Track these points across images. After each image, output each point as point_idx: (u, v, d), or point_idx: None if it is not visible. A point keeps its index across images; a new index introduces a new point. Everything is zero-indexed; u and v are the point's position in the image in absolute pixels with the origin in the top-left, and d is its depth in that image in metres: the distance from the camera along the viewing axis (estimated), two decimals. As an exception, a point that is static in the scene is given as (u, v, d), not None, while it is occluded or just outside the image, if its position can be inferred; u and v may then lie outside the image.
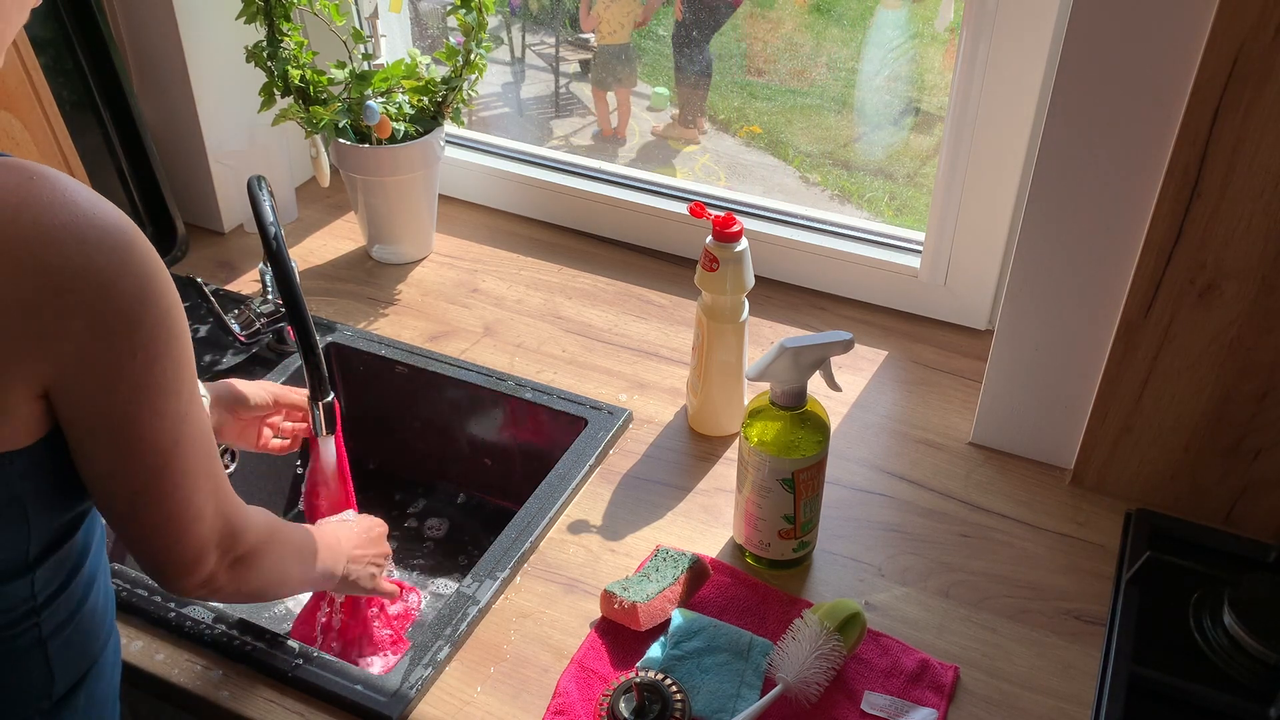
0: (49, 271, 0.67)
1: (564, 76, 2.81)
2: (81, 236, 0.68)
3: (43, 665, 0.79)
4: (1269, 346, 1.01)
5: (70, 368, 0.69)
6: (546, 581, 1.10)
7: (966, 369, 1.38)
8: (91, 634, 0.83)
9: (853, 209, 2.34)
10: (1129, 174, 1.02)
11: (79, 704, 0.83)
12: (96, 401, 0.71)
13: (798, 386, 1.02)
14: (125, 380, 0.71)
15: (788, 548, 1.08)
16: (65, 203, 0.68)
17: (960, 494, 1.20)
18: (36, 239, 0.66)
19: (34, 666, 0.78)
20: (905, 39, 2.25)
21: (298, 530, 0.95)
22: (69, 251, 0.67)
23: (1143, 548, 1.08)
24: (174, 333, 0.73)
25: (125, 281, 0.69)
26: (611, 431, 1.26)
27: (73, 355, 0.68)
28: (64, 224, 0.67)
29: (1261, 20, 0.88)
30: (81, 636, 0.82)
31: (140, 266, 0.70)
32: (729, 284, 1.17)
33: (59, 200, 0.68)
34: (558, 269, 1.59)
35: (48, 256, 0.66)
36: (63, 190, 0.68)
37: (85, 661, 0.83)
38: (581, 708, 0.97)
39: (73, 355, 0.68)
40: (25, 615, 0.76)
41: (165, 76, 1.55)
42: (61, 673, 0.80)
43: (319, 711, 0.98)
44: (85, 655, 0.83)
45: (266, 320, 1.36)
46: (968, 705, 0.98)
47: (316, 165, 1.56)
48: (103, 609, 0.85)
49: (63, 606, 0.79)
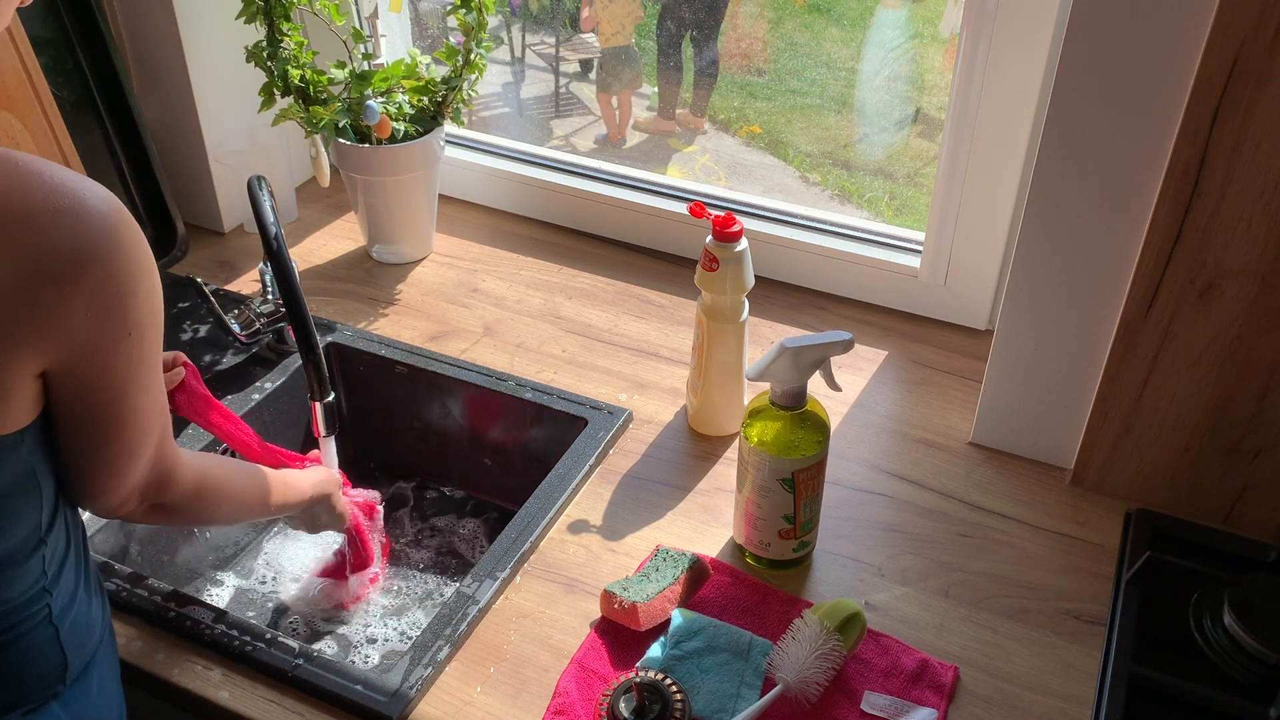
0: (47, 256, 0.67)
1: (564, 76, 2.81)
2: (76, 219, 0.68)
3: (55, 645, 0.81)
4: (1269, 346, 1.01)
5: (71, 349, 0.71)
6: (546, 581, 1.10)
7: (966, 369, 1.38)
8: (93, 614, 0.86)
9: (853, 209, 2.34)
10: (1129, 174, 1.02)
11: (91, 684, 0.85)
12: (93, 377, 0.73)
13: (798, 386, 1.02)
14: (120, 356, 0.73)
15: (788, 548, 1.08)
16: (57, 186, 0.68)
17: (960, 494, 1.20)
18: (33, 224, 0.67)
19: (48, 647, 0.80)
20: (905, 39, 2.25)
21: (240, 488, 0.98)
22: (65, 235, 0.68)
23: (1143, 548, 1.08)
24: (157, 306, 0.76)
25: (120, 262, 0.71)
26: (611, 431, 1.26)
27: (73, 337, 0.70)
28: (59, 208, 0.68)
29: (1261, 20, 0.88)
30: (85, 616, 0.84)
31: (133, 245, 0.72)
32: (729, 284, 1.17)
33: (49, 185, 0.68)
34: (558, 269, 1.59)
35: (45, 241, 0.67)
36: (51, 174, 0.69)
37: (91, 642, 0.85)
38: (581, 708, 0.97)
39: (73, 337, 0.70)
40: (39, 594, 0.79)
41: (165, 76, 1.55)
42: (73, 653, 0.82)
43: (319, 711, 0.98)
44: (90, 635, 0.85)
45: (266, 320, 1.36)
46: (968, 705, 0.98)
47: (316, 165, 1.56)
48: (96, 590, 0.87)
49: (66, 584, 0.81)
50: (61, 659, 0.81)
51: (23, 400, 0.71)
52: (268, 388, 1.35)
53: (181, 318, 1.49)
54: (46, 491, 0.77)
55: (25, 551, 0.76)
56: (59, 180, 0.69)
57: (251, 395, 1.34)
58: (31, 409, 0.72)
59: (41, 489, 0.76)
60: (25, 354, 0.69)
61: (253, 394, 1.34)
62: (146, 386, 0.77)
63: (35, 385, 0.71)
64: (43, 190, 0.68)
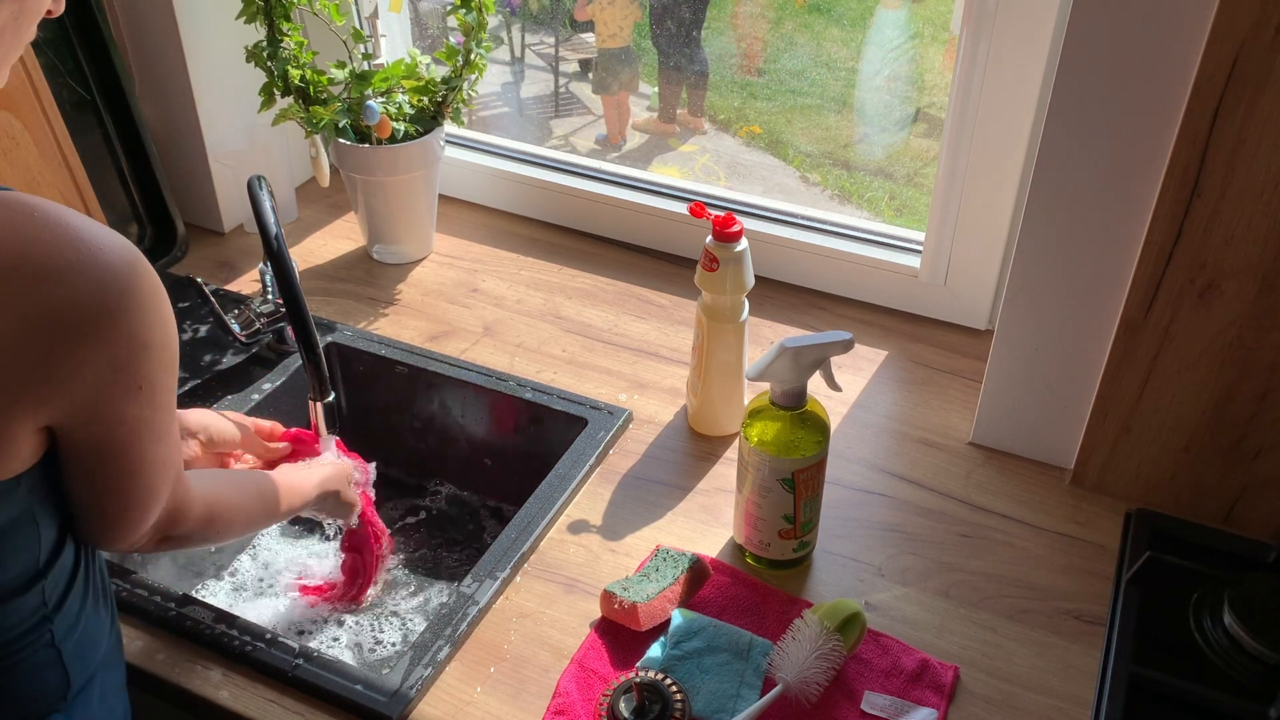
0: (57, 313, 0.66)
1: (564, 76, 2.82)
2: (87, 275, 0.67)
3: (58, 667, 0.80)
4: (1269, 346, 1.01)
5: (77, 405, 0.70)
6: (546, 581, 1.10)
7: (966, 369, 1.38)
8: (98, 631, 0.85)
9: (853, 209, 2.34)
10: (1129, 174, 1.02)
11: (93, 696, 0.84)
12: (102, 432, 0.72)
13: (798, 386, 1.02)
14: (130, 409, 0.72)
15: (788, 548, 1.08)
16: (70, 240, 0.67)
17: (960, 494, 1.20)
18: (44, 279, 0.65)
19: (50, 670, 0.79)
20: (905, 39, 2.25)
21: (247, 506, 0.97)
22: (76, 292, 0.66)
23: (1143, 548, 1.08)
24: (172, 355, 0.75)
25: (132, 316, 0.69)
26: (611, 431, 1.26)
27: (80, 394, 0.69)
28: (70, 263, 0.66)
29: (1261, 20, 0.88)
30: (89, 636, 0.83)
31: (147, 298, 0.70)
32: (729, 284, 1.17)
33: (63, 238, 0.67)
34: (558, 269, 1.59)
35: (54, 299, 0.66)
36: (64, 226, 0.67)
37: (97, 654, 0.85)
38: (581, 708, 0.97)
39: (80, 394, 0.69)
40: (38, 624, 0.78)
41: (165, 76, 1.55)
42: (76, 671, 0.82)
43: (319, 711, 0.98)
44: (96, 649, 0.84)
45: (266, 320, 1.36)
46: (968, 705, 0.98)
47: (316, 165, 1.56)
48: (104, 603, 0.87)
49: (70, 610, 0.80)
50: (64, 678, 0.81)
51: (21, 450, 0.70)
52: (267, 388, 1.35)
53: (182, 318, 1.49)
54: (46, 531, 0.76)
55: (20, 587, 0.75)
56: (74, 233, 0.67)
57: (251, 395, 1.34)
58: (29, 458, 0.71)
59: (40, 529, 0.75)
60: (27, 408, 0.68)
61: (252, 394, 1.34)
62: (160, 436, 0.76)
63: (38, 436, 0.70)
64: (57, 244, 0.66)
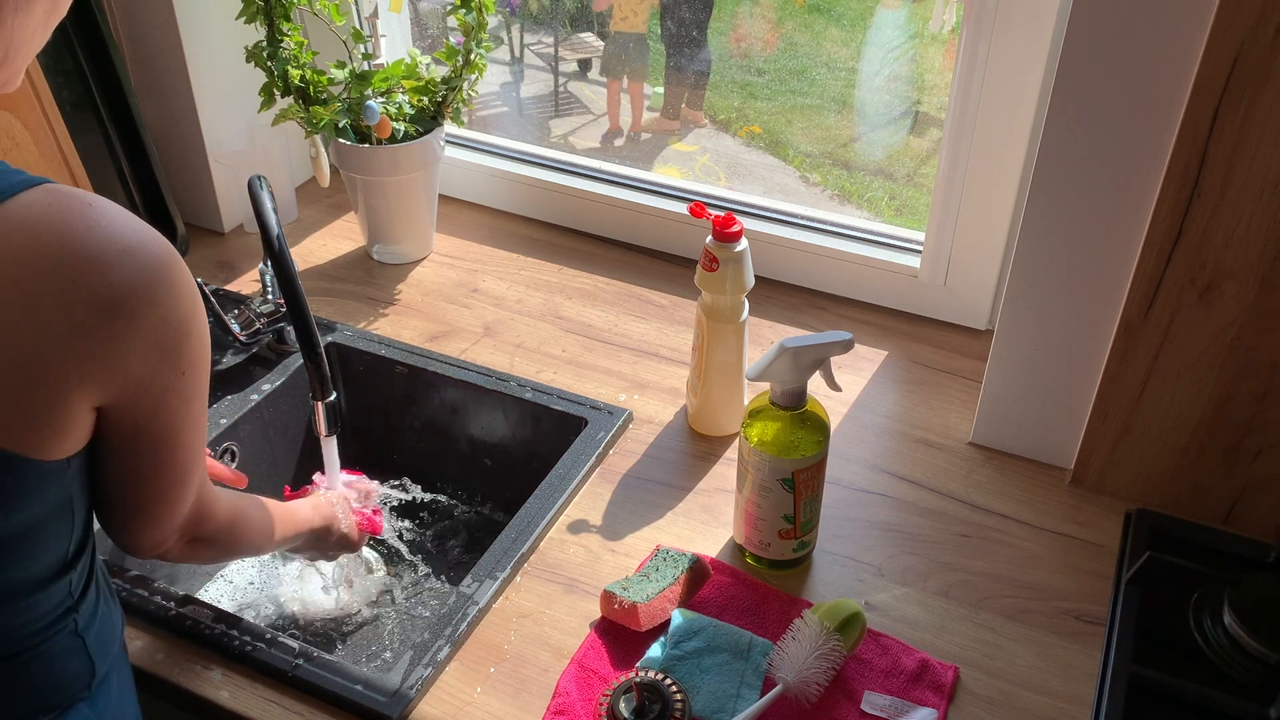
0: (109, 296, 0.70)
1: (563, 76, 2.82)
2: (139, 261, 0.71)
3: (83, 655, 0.83)
4: (1269, 346, 1.01)
5: (128, 385, 0.73)
6: (546, 581, 1.10)
7: (966, 369, 1.38)
8: (114, 623, 0.88)
9: (853, 209, 2.34)
10: (1129, 174, 1.02)
11: (113, 682, 0.87)
12: (146, 413, 0.76)
13: (798, 386, 1.02)
14: (173, 395, 0.76)
15: (788, 548, 1.08)
16: (121, 228, 0.71)
17: (960, 494, 1.20)
18: (100, 263, 0.70)
19: (75, 658, 0.82)
20: (905, 39, 2.25)
21: (260, 520, 1.00)
22: (127, 277, 0.70)
23: (1143, 548, 1.08)
24: (207, 348, 0.79)
25: (175, 303, 0.74)
26: (611, 431, 1.26)
27: (131, 373, 0.73)
28: (124, 248, 0.71)
29: (1261, 20, 0.88)
30: (107, 627, 0.86)
31: (186, 287, 0.75)
32: (729, 284, 1.17)
33: (117, 226, 0.71)
34: (558, 269, 1.59)
35: (107, 283, 0.70)
36: (118, 215, 0.72)
37: (115, 645, 0.87)
38: (581, 708, 0.97)
39: (131, 373, 0.73)
40: (64, 614, 0.81)
41: (165, 76, 1.55)
42: (99, 659, 0.84)
43: (319, 711, 0.98)
44: (113, 640, 0.87)
45: (266, 320, 1.36)
46: (968, 705, 0.98)
47: (316, 165, 1.56)
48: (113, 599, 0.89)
49: (90, 601, 0.84)
50: (89, 665, 0.84)
51: (75, 429, 0.73)
52: (267, 388, 1.35)
53: (181, 318, 1.49)
54: (78, 519, 0.79)
55: (51, 576, 0.79)
56: (124, 223, 0.72)
57: (251, 396, 1.34)
58: (80, 439, 0.74)
59: (75, 517, 0.78)
60: (87, 388, 0.71)
61: (252, 394, 1.34)
62: (195, 423, 0.81)
63: (91, 416, 0.74)
64: (110, 230, 0.70)
